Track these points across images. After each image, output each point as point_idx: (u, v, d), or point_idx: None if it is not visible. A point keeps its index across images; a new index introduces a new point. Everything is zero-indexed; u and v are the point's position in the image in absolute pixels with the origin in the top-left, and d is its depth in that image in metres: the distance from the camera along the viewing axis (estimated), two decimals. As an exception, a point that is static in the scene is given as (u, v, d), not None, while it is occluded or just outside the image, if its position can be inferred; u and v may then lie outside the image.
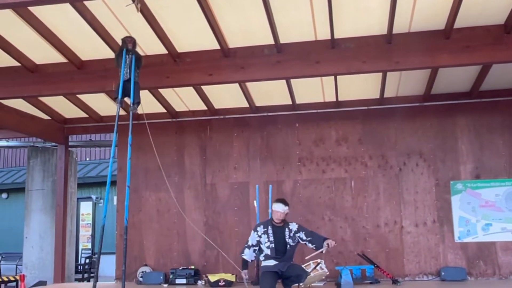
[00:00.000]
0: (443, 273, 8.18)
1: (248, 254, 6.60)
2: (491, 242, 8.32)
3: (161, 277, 8.88)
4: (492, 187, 8.41)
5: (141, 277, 8.99)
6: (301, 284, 6.58)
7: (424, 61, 6.65)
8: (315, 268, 7.00)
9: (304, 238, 6.55)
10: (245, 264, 6.63)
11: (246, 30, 6.61)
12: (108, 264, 11.87)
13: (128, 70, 6.25)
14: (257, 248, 6.63)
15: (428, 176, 8.65)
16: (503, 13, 6.19)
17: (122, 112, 6.98)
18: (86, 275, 12.47)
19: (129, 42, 6.28)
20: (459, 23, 6.26)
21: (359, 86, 8.40)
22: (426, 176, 8.65)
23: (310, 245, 6.55)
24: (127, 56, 6.22)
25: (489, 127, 8.59)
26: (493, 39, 6.43)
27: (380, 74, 7.79)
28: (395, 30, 6.46)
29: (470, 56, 6.51)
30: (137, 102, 6.44)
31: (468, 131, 8.64)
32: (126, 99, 6.53)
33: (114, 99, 6.47)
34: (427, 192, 8.61)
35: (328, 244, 6.37)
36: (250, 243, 6.63)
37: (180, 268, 8.87)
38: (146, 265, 9.23)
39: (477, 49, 6.47)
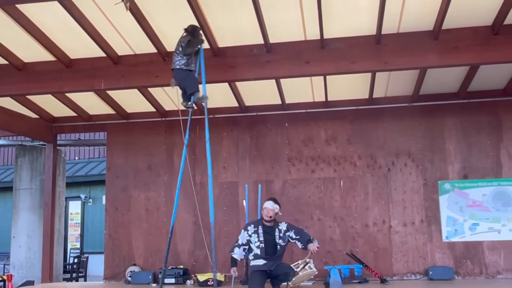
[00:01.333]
0: (430, 272, 8.24)
1: (238, 253, 6.60)
2: (478, 241, 8.39)
3: (150, 277, 8.86)
4: (479, 187, 8.48)
5: (130, 276, 8.96)
6: (289, 283, 6.59)
7: (413, 61, 6.70)
8: (303, 267, 7.01)
9: (294, 237, 6.56)
10: (234, 262, 6.63)
11: (235, 29, 6.62)
12: (96, 264, 11.83)
13: (194, 61, 6.20)
14: (247, 247, 6.63)
15: (417, 176, 8.70)
16: (491, 14, 6.25)
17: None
18: (74, 275, 12.39)
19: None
20: (447, 24, 6.31)
21: (348, 86, 8.43)
22: (414, 176, 8.70)
23: (299, 244, 6.56)
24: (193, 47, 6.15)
25: (477, 127, 8.66)
26: (481, 40, 6.50)
27: (369, 74, 7.82)
28: (384, 31, 6.50)
29: (458, 56, 6.57)
30: (196, 91, 6.33)
31: (456, 131, 8.70)
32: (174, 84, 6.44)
33: (189, 94, 6.40)
34: (415, 192, 8.66)
35: (311, 252, 6.40)
36: (240, 242, 6.62)
37: (169, 268, 8.84)
38: (134, 264, 9.20)
39: (465, 50, 6.53)
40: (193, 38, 6.18)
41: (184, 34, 6.23)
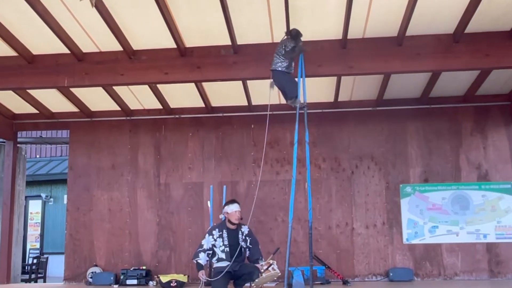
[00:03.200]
0: (391, 274, 8.40)
1: (203, 258, 6.51)
2: (437, 244, 8.60)
3: (112, 278, 8.73)
4: (439, 191, 8.70)
5: (91, 277, 8.81)
6: (253, 284, 6.60)
7: (377, 66, 6.82)
8: (267, 269, 7.03)
9: (248, 244, 6.61)
10: (200, 266, 6.55)
11: (203, 29, 6.60)
12: (56, 264, 11.57)
13: (290, 63, 6.15)
14: (211, 252, 6.59)
15: (379, 179, 8.86)
16: (452, 22, 6.43)
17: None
18: (33, 276, 12.09)
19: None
20: (411, 30, 6.46)
21: (314, 89, 8.48)
22: (377, 179, 8.86)
23: (248, 252, 6.61)
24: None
25: (437, 132, 8.88)
26: (443, 47, 6.67)
27: (335, 78, 7.93)
28: (350, 36, 6.60)
29: (421, 63, 6.73)
30: (295, 96, 6.23)
31: (417, 135, 8.90)
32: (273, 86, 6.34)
33: (289, 98, 6.27)
34: (378, 195, 8.82)
35: (260, 273, 6.47)
36: (205, 247, 6.53)
37: (131, 269, 8.74)
38: (96, 265, 9.05)
39: (427, 57, 6.70)
40: (297, 45, 6.15)
41: (285, 37, 6.19)
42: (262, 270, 6.70)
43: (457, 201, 8.64)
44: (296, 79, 6.29)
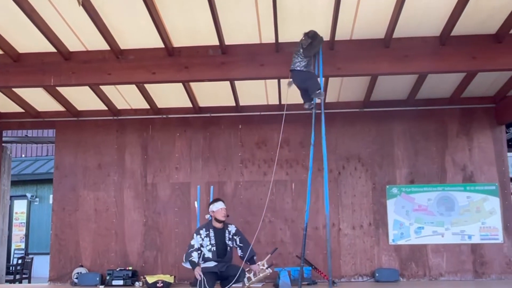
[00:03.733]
0: (377, 274, 8.45)
1: (196, 257, 6.51)
2: (422, 244, 8.67)
3: (97, 279, 8.67)
4: (425, 192, 8.77)
5: (76, 278, 8.74)
6: (246, 283, 6.61)
7: (365, 68, 6.85)
8: (266, 268, 6.97)
9: (238, 243, 6.62)
10: (194, 263, 6.51)
11: (191, 29, 6.59)
12: (41, 265, 11.47)
13: (313, 62, 6.22)
14: (199, 251, 6.58)
15: (366, 180, 8.91)
16: (439, 25, 6.48)
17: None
18: (18, 276, 11.97)
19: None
20: (398, 33, 6.50)
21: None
22: (363, 180, 8.90)
23: (239, 251, 6.62)
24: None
25: (424, 134, 8.95)
26: (430, 50, 6.73)
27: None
28: (338, 37, 6.63)
29: (408, 65, 6.77)
30: (318, 88, 6.29)
31: (404, 137, 8.96)
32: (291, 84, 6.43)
33: (313, 92, 6.28)
34: (364, 196, 8.86)
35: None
36: (196, 247, 6.52)
37: (117, 269, 8.69)
38: (81, 266, 8.98)
39: (414, 59, 6.74)
40: (314, 41, 6.16)
41: (304, 38, 6.20)
42: (260, 269, 6.69)
43: (443, 202, 8.71)
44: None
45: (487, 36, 6.66)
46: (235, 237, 6.64)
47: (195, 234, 6.64)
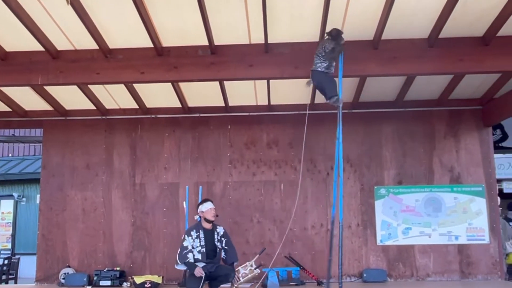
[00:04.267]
0: (365, 275, 8.49)
1: (192, 258, 6.50)
2: (410, 245, 8.72)
3: (85, 279, 8.62)
4: (412, 193, 8.83)
5: (63, 279, 8.68)
6: (234, 284, 6.61)
7: (354, 69, 6.86)
8: (255, 269, 6.98)
9: (224, 245, 6.63)
10: (191, 264, 6.47)
11: (180, 29, 6.57)
12: (28, 265, 11.39)
13: (331, 63, 6.21)
14: (192, 253, 6.57)
15: (354, 181, 8.94)
16: (427, 27, 6.53)
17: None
18: (4, 277, 11.88)
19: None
20: (387, 34, 6.53)
21: (291, 91, 8.55)
22: (352, 181, 8.94)
23: (223, 254, 6.62)
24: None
25: (412, 135, 9.01)
26: (418, 51, 6.77)
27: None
28: (327, 38, 6.64)
29: (396, 67, 6.81)
30: (335, 95, 6.30)
31: (392, 138, 9.01)
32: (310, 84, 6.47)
33: (329, 98, 6.30)
34: (353, 197, 8.90)
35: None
36: (189, 248, 6.51)
37: (105, 270, 8.65)
38: (69, 266, 8.92)
39: (403, 61, 6.78)
40: (337, 46, 6.16)
41: (327, 37, 6.19)
42: (247, 270, 6.70)
43: (430, 203, 8.77)
44: (336, 79, 6.38)
45: (475, 38, 6.72)
46: (222, 239, 6.66)
47: (186, 236, 6.63)
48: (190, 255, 6.47)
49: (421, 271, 8.65)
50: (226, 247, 6.65)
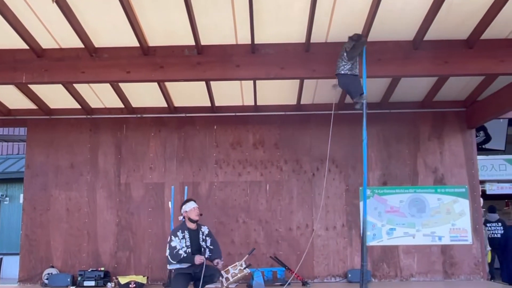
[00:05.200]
0: (349, 275, 8.54)
1: (184, 253, 6.44)
2: (394, 245, 8.79)
3: (68, 279, 8.54)
4: (397, 194, 8.90)
5: (47, 279, 8.60)
6: (224, 284, 6.59)
7: (339, 71, 6.90)
8: (244, 268, 6.96)
9: (208, 244, 6.62)
10: (187, 257, 6.42)
11: (167, 29, 6.55)
12: (11, 265, 11.26)
13: (354, 64, 6.30)
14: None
15: (340, 181, 8.99)
16: (412, 29, 6.59)
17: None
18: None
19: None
20: (372, 36, 6.58)
21: (277, 92, 8.58)
22: (337, 182, 8.98)
23: (208, 252, 6.60)
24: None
25: (397, 137, 9.08)
26: (403, 53, 6.83)
27: (298, 81, 8.01)
28: (313, 40, 6.68)
29: (382, 68, 6.86)
30: (361, 93, 6.39)
31: (377, 140, 9.07)
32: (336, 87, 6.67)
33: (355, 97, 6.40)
34: (338, 197, 8.94)
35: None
36: (178, 247, 6.47)
37: (89, 270, 8.59)
38: (52, 266, 8.84)
39: (388, 63, 6.85)
40: (357, 44, 6.21)
41: (348, 41, 6.25)
42: (237, 270, 6.68)
43: (414, 204, 8.85)
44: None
45: (459, 41, 6.80)
46: (207, 238, 6.65)
47: (172, 236, 6.58)
48: (181, 252, 6.45)
49: (405, 271, 8.72)
50: (211, 247, 6.64)
